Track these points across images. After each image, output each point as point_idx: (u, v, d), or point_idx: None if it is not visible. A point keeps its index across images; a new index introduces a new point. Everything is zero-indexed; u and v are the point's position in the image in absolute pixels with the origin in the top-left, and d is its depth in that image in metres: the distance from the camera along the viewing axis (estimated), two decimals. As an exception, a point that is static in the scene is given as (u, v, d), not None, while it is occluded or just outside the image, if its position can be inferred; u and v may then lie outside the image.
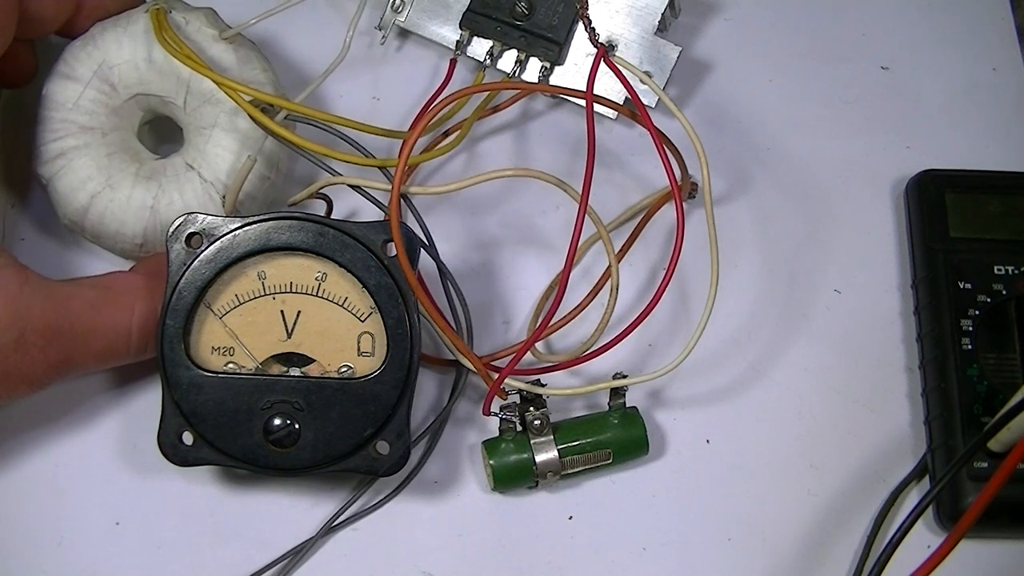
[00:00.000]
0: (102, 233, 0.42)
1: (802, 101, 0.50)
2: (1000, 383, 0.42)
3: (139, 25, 0.42)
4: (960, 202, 0.45)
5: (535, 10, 0.47)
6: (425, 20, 0.48)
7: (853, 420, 0.44)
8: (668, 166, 0.41)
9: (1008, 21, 0.51)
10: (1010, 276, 0.44)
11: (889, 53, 0.51)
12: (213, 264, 0.39)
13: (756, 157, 0.48)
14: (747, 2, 0.51)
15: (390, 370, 0.38)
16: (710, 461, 0.43)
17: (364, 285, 0.39)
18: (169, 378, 0.38)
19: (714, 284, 0.40)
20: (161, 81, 0.43)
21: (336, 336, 0.39)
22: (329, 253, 0.39)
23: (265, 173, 0.43)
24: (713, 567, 0.41)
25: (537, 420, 0.40)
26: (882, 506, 0.42)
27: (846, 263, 0.46)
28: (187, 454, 0.39)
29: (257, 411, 0.38)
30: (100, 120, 0.43)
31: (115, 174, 0.42)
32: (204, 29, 0.43)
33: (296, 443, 0.38)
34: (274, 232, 0.39)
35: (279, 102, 0.42)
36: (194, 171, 0.42)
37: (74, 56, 0.43)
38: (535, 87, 0.47)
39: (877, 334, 0.45)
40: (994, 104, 0.50)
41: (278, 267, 0.39)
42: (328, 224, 0.39)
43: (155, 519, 0.41)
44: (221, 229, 0.39)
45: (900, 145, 0.49)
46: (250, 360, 0.39)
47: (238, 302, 0.39)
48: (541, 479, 0.41)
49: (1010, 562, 0.42)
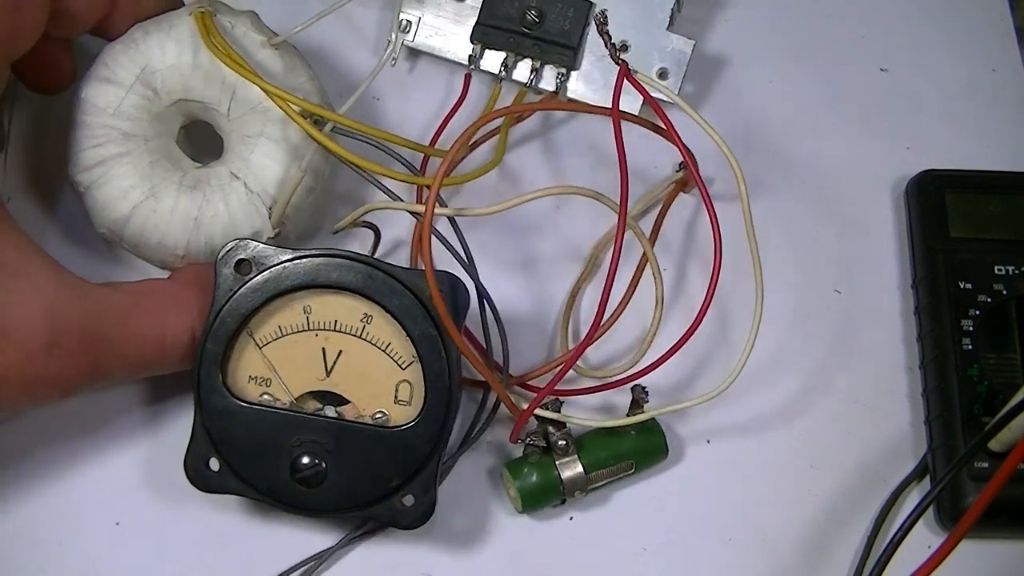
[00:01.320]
0: (142, 243, 0.41)
1: (802, 102, 0.50)
2: (1000, 383, 0.42)
3: (183, 29, 0.41)
4: (960, 202, 0.45)
5: (545, 17, 0.46)
6: (434, 38, 0.48)
7: (853, 420, 0.44)
8: (704, 192, 0.39)
9: (1007, 22, 0.51)
10: (1010, 276, 0.44)
11: (888, 54, 0.51)
12: (260, 293, 0.38)
13: (756, 158, 0.48)
14: (747, 3, 0.51)
15: (425, 423, 0.38)
16: (711, 461, 0.43)
17: (408, 334, 0.38)
18: (202, 402, 0.38)
19: (758, 316, 0.39)
20: (205, 87, 0.41)
21: (375, 380, 0.39)
22: (377, 297, 0.38)
23: (311, 185, 0.42)
24: (714, 567, 0.41)
25: (563, 441, 0.40)
26: (883, 506, 0.42)
27: (846, 263, 0.46)
28: (212, 480, 0.38)
29: (286, 447, 0.38)
30: (142, 127, 0.41)
31: (158, 183, 0.40)
32: (250, 34, 0.42)
33: (321, 484, 0.37)
34: (324, 268, 0.38)
35: (329, 115, 0.40)
36: (239, 181, 0.41)
37: (115, 59, 0.41)
38: (567, 106, 0.46)
39: (877, 334, 0.45)
40: (994, 104, 0.50)
41: (324, 304, 0.39)
42: (379, 267, 0.38)
43: (155, 519, 0.41)
44: (272, 259, 0.38)
45: (900, 146, 0.49)
46: (286, 394, 0.39)
47: (280, 334, 0.39)
48: (569, 497, 0.40)
49: (1010, 562, 0.42)
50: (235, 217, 0.41)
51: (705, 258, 0.45)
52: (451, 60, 0.48)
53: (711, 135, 0.40)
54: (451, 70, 0.49)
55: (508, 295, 0.45)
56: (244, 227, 0.41)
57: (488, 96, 0.47)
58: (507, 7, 0.47)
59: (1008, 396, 0.41)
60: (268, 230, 0.41)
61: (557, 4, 0.47)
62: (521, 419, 0.39)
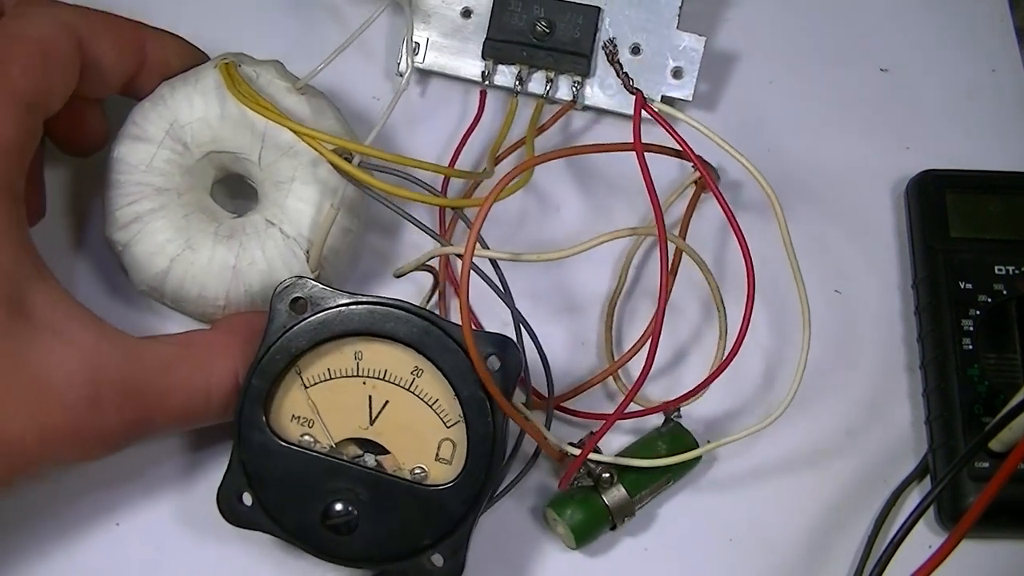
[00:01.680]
0: (183, 297, 0.41)
1: (802, 102, 0.50)
2: (1001, 383, 0.42)
3: (209, 81, 0.41)
4: (960, 202, 0.45)
5: (555, 27, 0.46)
6: (444, 57, 0.48)
7: (853, 420, 0.44)
8: (741, 238, 0.39)
9: (1007, 22, 0.51)
10: (1010, 276, 0.44)
11: (888, 54, 0.51)
12: (313, 334, 0.37)
13: (756, 158, 0.48)
14: (747, 3, 0.51)
15: (463, 485, 0.37)
16: (711, 461, 0.43)
17: (457, 394, 0.37)
18: (242, 437, 0.37)
19: (805, 351, 0.39)
20: (235, 137, 0.41)
21: (418, 435, 0.38)
22: (430, 353, 0.37)
23: (348, 225, 0.42)
24: (714, 567, 0.41)
25: (607, 473, 0.40)
26: (883, 506, 0.42)
27: (846, 263, 0.46)
28: (242, 516, 0.38)
29: (321, 492, 0.37)
30: (175, 180, 0.41)
31: (194, 235, 0.40)
32: (275, 81, 0.42)
33: (351, 532, 0.37)
34: (380, 318, 0.37)
35: (360, 148, 0.40)
36: (275, 227, 0.41)
37: (144, 117, 0.41)
38: (591, 148, 0.43)
39: (877, 334, 0.45)
40: (994, 104, 0.50)
41: (376, 352, 0.38)
42: (436, 323, 0.37)
43: (156, 519, 0.41)
44: (328, 301, 0.38)
45: (900, 146, 0.49)
46: (327, 437, 0.38)
47: (328, 376, 0.38)
48: (618, 523, 0.40)
49: (1011, 562, 0.41)
50: (273, 264, 0.40)
51: (730, 266, 0.44)
52: (462, 78, 0.48)
53: (745, 165, 0.39)
54: (462, 88, 0.49)
55: (537, 310, 0.45)
56: (282, 273, 0.40)
57: (504, 111, 0.47)
58: (516, 20, 0.47)
59: (1008, 396, 0.41)
60: (307, 273, 0.41)
61: (566, 13, 0.46)
62: (573, 467, 0.39)
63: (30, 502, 0.41)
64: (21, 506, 0.41)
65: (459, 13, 0.48)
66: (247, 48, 0.44)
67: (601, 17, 0.47)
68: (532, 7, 0.47)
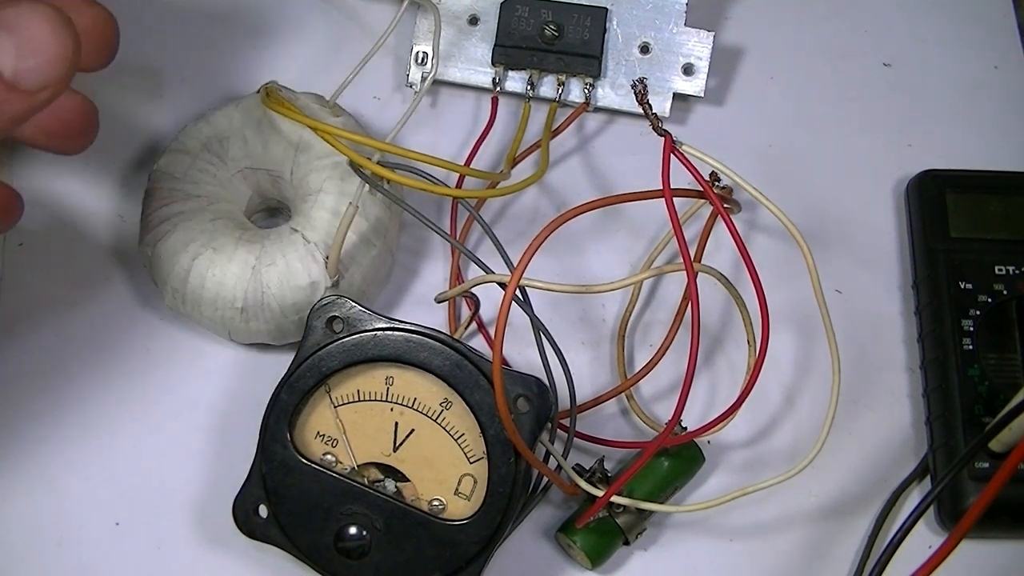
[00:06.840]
0: (202, 298, 0.41)
1: (803, 99, 0.50)
2: (1001, 383, 0.42)
3: (250, 100, 0.44)
4: (961, 202, 0.45)
5: (564, 30, 0.46)
6: (453, 66, 0.48)
7: (854, 420, 0.44)
8: (757, 283, 0.37)
9: (1010, 19, 0.51)
10: (1011, 276, 0.44)
11: (890, 50, 0.50)
12: (346, 355, 0.38)
13: (756, 155, 0.48)
14: (748, 0, 0.51)
15: (479, 523, 0.37)
16: (710, 462, 0.43)
17: (483, 431, 0.37)
18: (265, 449, 0.38)
19: (836, 390, 0.39)
20: (267, 154, 0.43)
21: (440, 468, 0.38)
22: (460, 387, 0.37)
23: (371, 239, 0.42)
24: (714, 567, 0.41)
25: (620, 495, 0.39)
26: (883, 506, 0.42)
27: (846, 263, 0.46)
28: (256, 527, 0.38)
29: (336, 513, 0.37)
30: (207, 189, 0.43)
31: (218, 236, 0.41)
32: (311, 105, 0.43)
33: (362, 557, 0.37)
34: (414, 347, 0.38)
35: (379, 145, 0.40)
36: (297, 233, 0.41)
37: (186, 133, 0.44)
38: (617, 199, 0.39)
39: (878, 334, 0.45)
40: (996, 103, 0.50)
41: (407, 380, 0.38)
42: (469, 358, 0.37)
43: (155, 519, 0.41)
44: (365, 323, 0.38)
45: (901, 143, 0.49)
46: (349, 459, 0.38)
47: (357, 398, 0.38)
48: (631, 539, 0.40)
49: (1011, 562, 0.42)
50: (292, 265, 0.41)
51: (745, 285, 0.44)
52: (473, 86, 0.48)
53: (774, 212, 0.38)
54: (472, 96, 0.49)
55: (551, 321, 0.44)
56: (301, 275, 0.41)
57: (516, 117, 0.47)
58: (524, 25, 0.47)
59: (1009, 396, 0.41)
60: (326, 279, 0.41)
61: (573, 15, 0.46)
62: (596, 507, 0.39)
63: (30, 501, 0.41)
64: (21, 506, 0.41)
65: (466, 21, 0.48)
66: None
67: (609, 17, 0.47)
68: (539, 11, 0.46)
